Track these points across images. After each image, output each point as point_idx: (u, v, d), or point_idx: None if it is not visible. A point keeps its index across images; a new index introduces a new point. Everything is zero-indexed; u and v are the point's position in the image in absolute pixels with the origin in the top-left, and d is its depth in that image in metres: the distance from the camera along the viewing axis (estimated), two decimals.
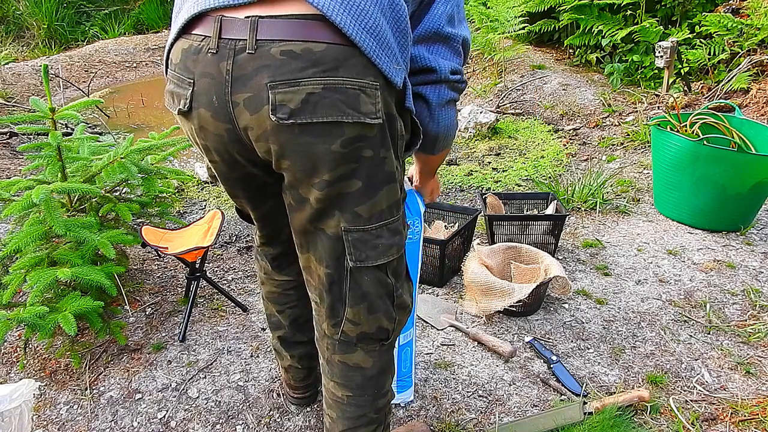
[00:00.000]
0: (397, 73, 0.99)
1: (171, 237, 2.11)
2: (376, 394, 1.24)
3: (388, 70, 0.97)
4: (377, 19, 0.95)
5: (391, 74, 0.98)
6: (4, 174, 3.27)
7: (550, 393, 1.79)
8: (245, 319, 2.13)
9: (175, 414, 1.72)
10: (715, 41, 4.06)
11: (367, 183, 1.02)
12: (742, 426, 1.66)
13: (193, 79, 1.00)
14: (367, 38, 0.94)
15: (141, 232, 2.04)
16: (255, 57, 0.93)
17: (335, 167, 0.99)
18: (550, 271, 2.10)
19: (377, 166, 1.02)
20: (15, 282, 1.78)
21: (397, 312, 1.19)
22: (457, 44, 1.13)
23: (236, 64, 0.94)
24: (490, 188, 3.24)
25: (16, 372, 1.88)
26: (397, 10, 0.98)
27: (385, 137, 1.02)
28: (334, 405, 1.26)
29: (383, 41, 0.96)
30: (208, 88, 0.98)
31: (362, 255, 1.08)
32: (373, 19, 0.94)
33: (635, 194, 3.12)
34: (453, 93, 1.13)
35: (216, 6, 0.96)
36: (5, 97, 4.62)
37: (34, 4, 6.27)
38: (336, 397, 1.25)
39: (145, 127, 4.34)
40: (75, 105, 2.03)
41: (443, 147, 1.23)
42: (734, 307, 2.18)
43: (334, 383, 1.24)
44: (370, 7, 0.94)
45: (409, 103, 1.06)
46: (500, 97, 4.56)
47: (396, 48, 0.99)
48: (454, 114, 1.17)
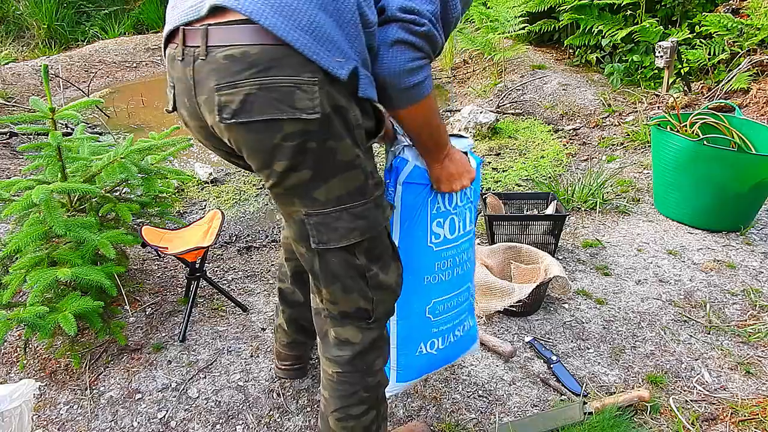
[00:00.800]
0: (340, 66, 1.02)
1: (171, 237, 2.11)
2: (365, 370, 1.29)
3: (327, 64, 1.00)
4: (313, 15, 0.99)
5: (332, 68, 1.00)
6: (4, 174, 3.27)
7: (550, 393, 1.79)
8: (245, 319, 2.13)
9: (175, 414, 1.72)
10: (715, 41, 4.07)
11: (318, 173, 1.08)
12: (742, 426, 1.66)
13: (173, 83, 1.13)
14: (301, 36, 0.98)
15: (141, 232, 2.04)
16: (207, 62, 1.02)
17: (282, 160, 1.05)
18: (550, 271, 2.10)
19: (326, 156, 1.07)
20: (15, 282, 1.78)
21: (374, 292, 1.23)
22: None
23: (195, 69, 1.04)
24: (490, 188, 3.24)
25: (16, 372, 1.88)
26: (340, 2, 1.01)
27: (331, 129, 1.05)
28: (327, 384, 1.32)
29: (321, 37, 1.00)
30: (182, 91, 1.10)
31: (324, 237, 1.14)
32: (307, 17, 0.98)
33: (635, 194, 3.12)
34: (402, 33, 1.07)
35: (185, 21, 1.07)
36: (5, 97, 4.62)
37: (34, 4, 6.27)
38: (328, 375, 1.31)
39: (145, 127, 4.34)
40: (75, 105, 2.03)
41: (400, 99, 1.13)
42: (734, 307, 2.18)
43: (326, 360, 1.30)
44: (304, 5, 0.98)
45: (364, 92, 1.08)
46: (500, 97, 4.56)
47: (341, 40, 1.02)
48: (404, 57, 1.08)
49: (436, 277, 1.59)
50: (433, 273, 1.58)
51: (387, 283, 1.25)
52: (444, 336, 1.65)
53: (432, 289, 1.60)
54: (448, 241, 1.58)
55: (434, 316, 1.61)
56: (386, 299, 1.27)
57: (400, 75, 1.10)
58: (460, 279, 1.65)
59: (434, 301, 1.60)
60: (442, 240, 1.56)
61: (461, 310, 1.67)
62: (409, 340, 1.62)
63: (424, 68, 1.12)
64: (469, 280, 1.69)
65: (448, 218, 1.55)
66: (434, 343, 1.64)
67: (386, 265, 1.24)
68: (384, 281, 1.24)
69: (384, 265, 1.23)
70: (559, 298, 2.24)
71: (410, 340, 1.62)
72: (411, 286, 1.59)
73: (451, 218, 1.56)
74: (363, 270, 1.20)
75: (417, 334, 1.62)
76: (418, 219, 1.52)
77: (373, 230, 1.18)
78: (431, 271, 1.58)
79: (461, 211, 1.58)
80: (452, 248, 1.59)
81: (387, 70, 1.10)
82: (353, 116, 1.09)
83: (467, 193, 1.59)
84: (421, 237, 1.54)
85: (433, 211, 1.53)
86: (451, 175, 1.39)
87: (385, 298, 1.26)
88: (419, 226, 1.53)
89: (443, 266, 1.59)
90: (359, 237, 1.16)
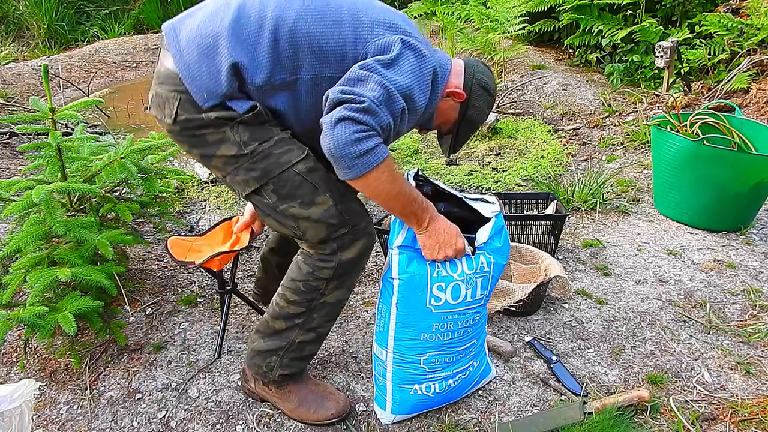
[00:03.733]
0: (200, 94, 1.41)
1: (200, 245, 1.91)
2: (286, 299, 1.55)
3: (193, 91, 1.41)
4: (190, 54, 1.41)
5: (194, 93, 1.41)
6: (4, 174, 3.27)
7: (550, 393, 1.79)
8: (245, 319, 2.13)
9: (175, 414, 1.72)
10: (715, 41, 4.06)
11: (202, 154, 1.50)
12: (742, 426, 1.66)
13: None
14: (186, 76, 1.41)
15: (167, 245, 1.85)
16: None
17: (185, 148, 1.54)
18: (550, 271, 2.10)
19: (198, 142, 1.48)
20: (15, 282, 1.77)
21: (294, 222, 1.48)
22: (355, 74, 1.33)
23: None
24: (490, 188, 3.24)
25: (16, 372, 1.88)
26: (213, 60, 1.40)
27: (189, 131, 1.46)
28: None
29: (194, 77, 1.41)
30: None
31: (237, 188, 1.51)
32: (187, 52, 1.42)
33: (635, 194, 3.12)
34: (343, 111, 1.27)
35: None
36: (5, 97, 4.62)
37: (34, 4, 6.27)
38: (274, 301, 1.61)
39: (145, 127, 4.34)
40: (75, 105, 2.03)
41: (349, 169, 1.30)
42: (734, 307, 2.18)
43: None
44: (196, 61, 1.40)
45: (229, 105, 1.42)
46: (500, 97, 4.56)
47: (206, 78, 1.40)
48: (348, 131, 1.27)
49: (433, 337, 1.60)
50: (431, 333, 1.59)
51: (304, 215, 1.46)
52: (441, 382, 1.66)
53: (428, 345, 1.61)
54: (450, 306, 1.58)
55: (429, 367, 1.62)
56: (310, 227, 1.47)
57: (345, 146, 1.27)
58: (462, 340, 1.64)
59: (429, 355, 1.61)
60: (443, 304, 1.57)
61: (462, 362, 1.67)
62: (403, 380, 1.63)
63: (370, 138, 1.29)
64: (476, 338, 1.69)
65: (451, 284, 1.56)
66: (430, 387, 1.65)
67: (306, 201, 1.45)
68: (299, 213, 1.46)
69: (303, 202, 1.45)
70: (559, 298, 2.24)
71: (404, 380, 1.63)
72: (408, 336, 1.59)
73: (456, 284, 1.56)
74: (273, 207, 1.48)
75: (411, 377, 1.63)
76: (416, 281, 1.54)
77: (267, 177, 1.44)
78: (429, 330, 1.59)
79: (470, 280, 1.58)
80: (455, 313, 1.59)
81: (333, 143, 1.27)
82: (213, 118, 1.42)
83: (481, 263, 1.59)
84: (419, 299, 1.55)
85: (433, 274, 1.54)
86: (436, 245, 1.51)
87: (309, 226, 1.47)
88: (419, 288, 1.54)
89: (442, 328, 1.59)
90: (256, 184, 1.45)
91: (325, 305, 1.56)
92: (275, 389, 1.68)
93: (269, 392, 1.70)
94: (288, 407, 1.68)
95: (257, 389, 1.72)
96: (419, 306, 1.55)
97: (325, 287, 1.52)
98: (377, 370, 1.68)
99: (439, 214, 1.50)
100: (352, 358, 1.93)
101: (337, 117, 1.27)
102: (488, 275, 1.61)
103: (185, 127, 1.45)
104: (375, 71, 1.33)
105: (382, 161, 1.32)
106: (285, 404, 1.68)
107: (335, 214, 1.47)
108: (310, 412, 1.66)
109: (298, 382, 1.68)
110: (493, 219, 1.61)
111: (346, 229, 1.48)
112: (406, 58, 1.38)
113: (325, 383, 1.76)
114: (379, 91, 1.31)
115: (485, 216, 1.63)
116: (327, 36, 1.40)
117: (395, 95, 1.33)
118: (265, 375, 1.63)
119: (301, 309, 1.54)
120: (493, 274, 1.63)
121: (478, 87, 1.60)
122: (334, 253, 1.49)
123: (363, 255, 1.53)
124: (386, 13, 1.47)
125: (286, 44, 1.39)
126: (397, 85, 1.34)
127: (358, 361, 1.92)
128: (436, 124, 1.65)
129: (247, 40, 1.39)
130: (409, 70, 1.37)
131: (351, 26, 1.41)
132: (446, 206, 1.71)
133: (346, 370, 1.88)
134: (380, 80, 1.32)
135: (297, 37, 1.39)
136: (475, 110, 1.62)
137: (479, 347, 1.72)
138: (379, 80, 1.32)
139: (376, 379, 1.69)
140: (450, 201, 1.73)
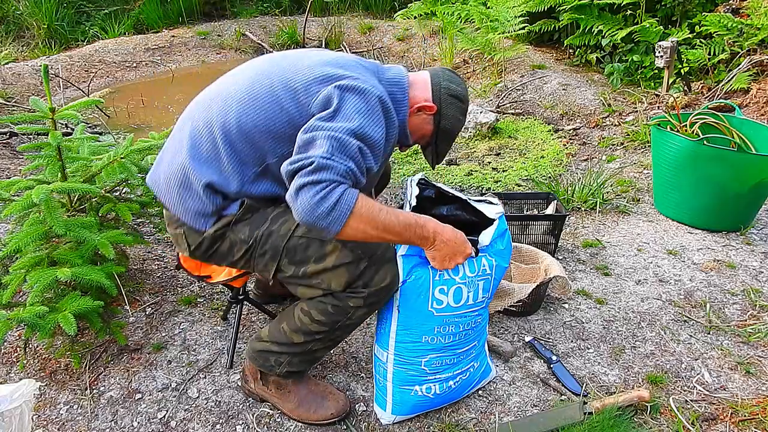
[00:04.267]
0: (196, 222, 1.53)
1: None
2: (311, 317, 1.53)
3: (190, 223, 1.54)
4: (172, 193, 1.54)
5: (192, 224, 1.54)
6: (4, 174, 3.27)
7: (550, 393, 1.79)
8: (245, 320, 2.13)
9: (175, 414, 1.72)
10: (715, 41, 4.06)
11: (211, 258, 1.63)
12: (742, 426, 1.66)
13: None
14: (179, 213, 1.54)
15: (180, 262, 1.84)
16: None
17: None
18: (550, 271, 2.10)
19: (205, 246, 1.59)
20: (15, 282, 1.77)
21: (316, 279, 1.51)
22: (301, 141, 1.36)
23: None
24: (490, 188, 3.24)
25: (16, 372, 1.88)
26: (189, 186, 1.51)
27: (205, 253, 1.59)
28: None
29: (185, 210, 1.53)
30: None
31: (266, 277, 1.59)
32: (170, 193, 1.54)
33: (635, 194, 3.12)
34: (297, 182, 1.31)
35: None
36: (5, 97, 4.62)
37: (34, 4, 6.26)
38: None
39: (145, 127, 4.34)
40: (75, 105, 2.03)
41: (329, 228, 1.33)
42: (734, 307, 2.18)
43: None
44: (179, 197, 1.53)
45: (224, 213, 1.53)
46: (500, 97, 4.56)
47: (193, 207, 1.52)
48: (307, 196, 1.30)
49: (434, 339, 1.60)
50: (432, 335, 1.60)
51: (321, 268, 1.48)
52: (442, 383, 1.66)
53: (429, 347, 1.61)
54: (452, 308, 1.58)
55: (429, 369, 1.63)
56: (332, 277, 1.48)
57: (312, 210, 1.30)
58: (463, 342, 1.65)
59: (430, 357, 1.61)
60: (445, 307, 1.57)
61: (463, 364, 1.68)
62: (404, 381, 1.64)
63: (332, 191, 1.31)
64: (477, 340, 1.69)
65: (453, 287, 1.56)
66: (431, 388, 1.65)
67: (318, 257, 1.48)
68: (317, 269, 1.48)
69: (316, 258, 1.48)
70: (559, 298, 2.24)
71: (405, 381, 1.64)
72: (409, 339, 1.59)
73: (458, 288, 1.57)
74: (296, 276, 1.51)
75: (411, 378, 1.63)
76: (419, 284, 1.54)
77: (277, 253, 1.50)
78: (430, 333, 1.59)
79: (472, 282, 1.58)
80: (457, 316, 1.59)
81: (301, 212, 1.31)
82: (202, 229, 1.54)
83: (483, 266, 1.59)
84: (421, 302, 1.56)
85: (435, 278, 1.55)
86: (445, 257, 1.51)
87: (331, 276, 1.48)
88: (421, 290, 1.55)
89: (444, 330, 1.60)
90: (273, 263, 1.51)
91: (350, 326, 1.55)
92: (275, 389, 1.69)
93: (269, 392, 1.70)
94: (288, 407, 1.68)
95: (257, 389, 1.72)
96: (421, 309, 1.56)
97: (353, 313, 1.51)
98: (378, 371, 1.68)
99: (443, 225, 1.49)
100: (352, 358, 1.93)
101: (295, 188, 1.31)
102: (490, 278, 1.61)
103: (200, 251, 1.57)
104: (319, 129, 1.35)
105: (354, 206, 1.32)
106: (285, 404, 1.68)
107: (348, 253, 1.47)
108: (310, 412, 1.66)
109: (298, 381, 1.68)
110: (497, 221, 1.61)
111: (365, 262, 1.47)
112: (348, 101, 1.39)
113: (325, 383, 1.76)
114: (327, 144, 1.32)
115: (489, 217, 1.63)
116: (272, 118, 1.44)
117: (346, 140, 1.34)
118: (271, 369, 1.64)
119: (324, 328, 1.53)
120: (495, 276, 1.63)
121: (447, 96, 1.60)
122: (364, 288, 1.48)
123: (391, 284, 1.50)
124: (314, 68, 1.47)
125: (241, 144, 1.46)
126: (345, 130, 1.35)
127: (358, 361, 1.92)
128: (413, 140, 1.65)
129: (208, 159, 1.48)
130: (353, 111, 1.38)
131: (288, 98, 1.44)
132: (450, 209, 1.71)
133: (346, 370, 1.88)
134: (326, 134, 1.34)
135: (247, 132, 1.45)
136: (449, 120, 1.61)
137: (480, 348, 1.72)
138: (325, 134, 1.34)
139: (377, 380, 1.69)
140: (453, 203, 1.73)
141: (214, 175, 1.48)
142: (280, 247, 1.49)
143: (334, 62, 1.50)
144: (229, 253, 1.55)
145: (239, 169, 1.48)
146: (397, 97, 1.55)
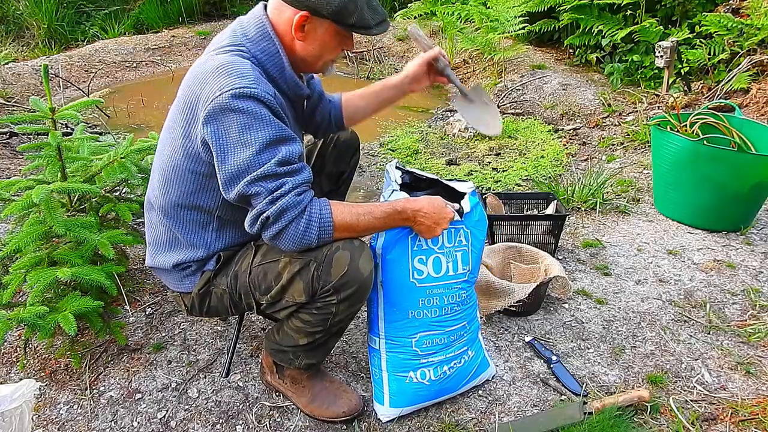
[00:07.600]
0: (182, 288, 1.66)
1: None
2: (302, 320, 1.54)
3: (178, 291, 1.68)
4: (168, 278, 1.67)
5: (179, 291, 1.68)
6: (4, 174, 3.27)
7: (550, 393, 1.79)
8: (245, 320, 2.13)
9: (175, 414, 1.72)
10: (715, 41, 4.06)
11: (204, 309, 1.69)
12: (742, 426, 1.66)
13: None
14: (170, 287, 1.69)
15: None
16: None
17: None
18: (550, 271, 2.10)
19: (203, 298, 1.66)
20: (15, 282, 1.77)
21: (285, 299, 1.52)
22: (236, 194, 1.38)
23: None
24: (490, 188, 3.24)
25: (16, 372, 1.88)
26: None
27: (200, 310, 1.69)
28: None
29: (174, 287, 1.67)
30: None
31: (257, 314, 1.72)
32: (169, 279, 1.67)
33: (635, 194, 3.12)
34: (269, 232, 1.38)
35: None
36: (5, 97, 4.62)
37: (34, 4, 6.26)
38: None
39: (145, 127, 4.34)
40: (75, 105, 2.03)
41: (291, 249, 1.42)
42: (734, 307, 2.18)
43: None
44: (165, 277, 1.67)
45: (204, 269, 1.63)
46: (500, 97, 4.56)
47: (174, 284, 1.66)
48: (296, 240, 1.38)
49: (420, 313, 1.62)
50: (418, 308, 1.61)
51: (282, 286, 1.48)
52: (435, 367, 1.66)
53: (417, 323, 1.62)
54: (433, 279, 1.60)
55: (421, 350, 1.64)
56: (293, 290, 1.48)
57: (301, 243, 1.39)
58: (452, 319, 1.66)
59: (420, 335, 1.63)
60: (426, 277, 1.60)
61: (455, 347, 1.68)
62: (397, 368, 1.65)
63: (309, 222, 1.37)
64: (465, 320, 1.70)
65: (432, 256, 1.60)
66: (425, 374, 1.65)
67: (275, 277, 1.48)
68: (280, 289, 1.48)
69: (275, 279, 1.48)
70: (559, 298, 2.24)
71: (399, 367, 1.65)
72: (397, 317, 1.62)
73: (436, 257, 1.60)
74: (272, 304, 1.53)
75: (405, 363, 1.64)
76: (398, 255, 1.58)
77: (249, 290, 1.53)
78: (415, 306, 1.61)
79: (450, 253, 1.62)
80: (439, 287, 1.62)
81: (294, 250, 1.42)
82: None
83: (459, 237, 1.63)
84: (403, 272, 1.58)
85: (414, 247, 1.58)
86: (429, 227, 1.52)
87: (292, 291, 1.48)
88: (401, 262, 1.58)
89: (428, 303, 1.62)
90: (251, 299, 1.55)
91: (344, 319, 1.55)
92: (290, 383, 1.71)
93: (284, 385, 1.73)
94: (302, 402, 1.70)
95: (273, 382, 1.76)
96: (403, 281, 1.58)
97: (337, 309, 1.49)
98: (373, 362, 1.69)
99: (415, 199, 1.51)
100: (352, 358, 1.93)
101: (270, 237, 1.39)
102: (467, 249, 1.65)
103: (196, 310, 1.66)
104: (231, 180, 1.37)
105: (332, 221, 1.40)
106: (299, 398, 1.70)
107: (296, 262, 1.45)
108: (322, 408, 1.67)
109: (313, 376, 1.71)
110: (469, 193, 1.66)
111: (314, 263, 1.43)
112: (222, 130, 1.34)
113: (340, 381, 1.77)
114: (255, 189, 1.35)
115: (462, 192, 1.68)
116: (187, 185, 1.50)
117: (263, 171, 1.34)
118: (291, 362, 1.66)
119: (319, 328, 1.54)
120: (473, 249, 1.66)
121: None
122: (326, 285, 1.44)
123: (350, 269, 1.42)
124: (181, 108, 1.46)
125: (184, 212, 1.54)
126: (250, 163, 1.34)
127: (358, 361, 1.92)
128: (325, 59, 1.50)
129: (163, 244, 1.62)
130: (238, 131, 1.33)
131: (180, 145, 1.46)
132: (425, 193, 1.76)
133: (346, 370, 1.88)
134: (250, 173, 1.35)
135: (176, 206, 1.53)
136: (329, 2, 1.36)
137: (472, 334, 1.73)
138: (249, 174, 1.35)
139: (373, 374, 1.70)
140: (429, 186, 1.78)
141: (178, 256, 1.59)
142: (247, 283, 1.53)
143: (195, 80, 1.43)
144: (220, 305, 1.61)
145: (200, 235, 1.56)
146: (270, 50, 1.45)
